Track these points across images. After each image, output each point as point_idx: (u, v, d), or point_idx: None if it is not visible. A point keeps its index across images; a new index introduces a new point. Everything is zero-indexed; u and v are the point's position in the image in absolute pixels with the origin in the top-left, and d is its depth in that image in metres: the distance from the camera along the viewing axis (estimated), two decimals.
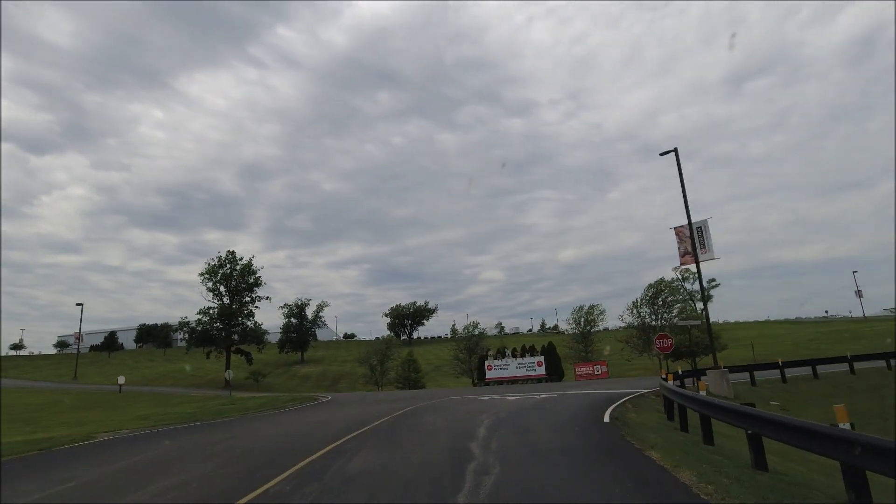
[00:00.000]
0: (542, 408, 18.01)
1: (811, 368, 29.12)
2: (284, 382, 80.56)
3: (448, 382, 67.68)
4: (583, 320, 56.34)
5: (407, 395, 34.13)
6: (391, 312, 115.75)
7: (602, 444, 10.10)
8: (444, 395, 28.53)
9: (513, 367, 45.97)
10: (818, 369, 29.37)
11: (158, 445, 13.40)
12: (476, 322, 64.79)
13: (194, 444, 13.59)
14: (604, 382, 34.36)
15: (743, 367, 27.25)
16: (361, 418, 17.16)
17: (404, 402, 24.41)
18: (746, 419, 7.96)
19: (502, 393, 27.83)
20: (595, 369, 44.47)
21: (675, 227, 25.55)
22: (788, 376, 28.25)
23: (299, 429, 15.42)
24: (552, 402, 20.35)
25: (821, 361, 30.62)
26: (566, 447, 9.64)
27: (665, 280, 49.25)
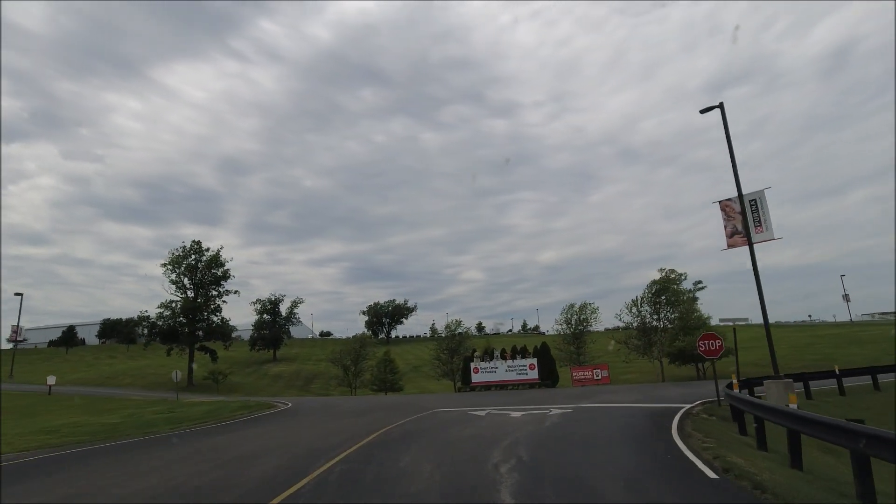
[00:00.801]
0: (571, 435, 12.28)
1: (871, 377, 23.99)
2: (254, 382, 73.94)
3: (428, 385, 61.85)
4: (574, 320, 50.81)
5: (381, 403, 28.11)
6: (369, 310, 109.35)
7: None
8: (426, 407, 22.69)
9: (502, 371, 40.26)
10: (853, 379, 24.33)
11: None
12: (459, 320, 58.89)
13: None
14: (611, 391, 28.79)
15: (795, 376, 21.98)
16: (307, 451, 11.23)
17: (375, 418, 18.50)
18: (855, 437, 6.51)
19: (498, 404, 22.03)
20: (595, 374, 38.98)
21: (720, 200, 20.13)
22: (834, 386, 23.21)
23: (201, 475, 9.35)
24: (577, 423, 14.65)
25: (885, 370, 25.11)
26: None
27: (671, 276, 44.00)
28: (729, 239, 19.58)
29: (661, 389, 26.84)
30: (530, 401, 23.29)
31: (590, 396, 23.95)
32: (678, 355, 40.15)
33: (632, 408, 18.32)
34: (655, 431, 12.61)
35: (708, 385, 28.35)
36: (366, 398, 36.59)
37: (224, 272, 73.48)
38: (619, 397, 22.60)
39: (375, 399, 33.08)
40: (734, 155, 19.36)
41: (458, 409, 20.41)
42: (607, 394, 25.28)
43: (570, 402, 21.50)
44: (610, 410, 17.67)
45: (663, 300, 43.58)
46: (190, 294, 71.17)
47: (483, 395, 30.38)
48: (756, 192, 18.95)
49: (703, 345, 18.39)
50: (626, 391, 26.51)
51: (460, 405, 22.73)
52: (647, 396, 22.41)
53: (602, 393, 26.15)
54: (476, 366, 40.94)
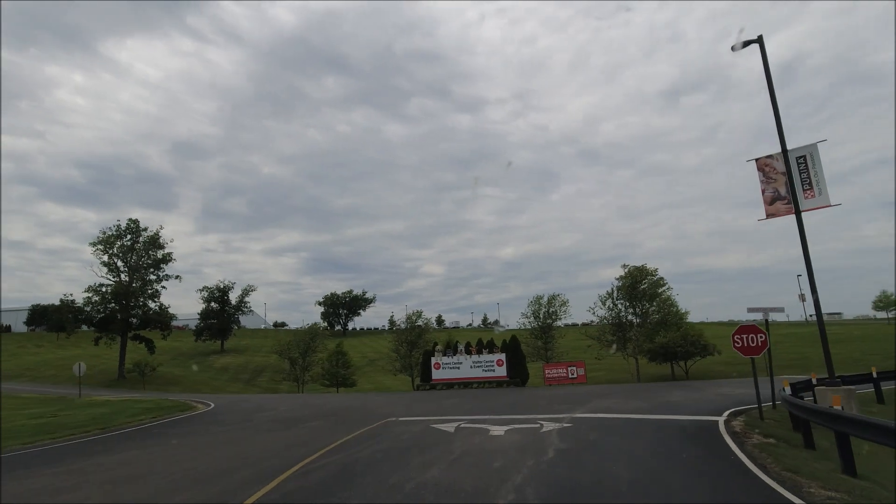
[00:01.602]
0: (602, 481, 7.25)
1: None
2: (195, 375, 66.74)
3: (384, 380, 56.53)
4: (542, 313, 46.25)
5: (325, 406, 22.59)
6: (325, 301, 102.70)
7: None
8: (379, 413, 17.42)
9: (466, 367, 35.31)
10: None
11: None
12: (420, 311, 53.57)
13: None
14: (598, 393, 24.14)
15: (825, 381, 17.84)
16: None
17: (306, 434, 13.12)
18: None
19: (470, 412, 16.92)
20: (569, 372, 34.47)
21: (757, 158, 15.64)
22: (863, 389, 19.27)
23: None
24: (593, 450, 9.66)
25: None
26: None
27: (646, 267, 40.07)
28: (768, 206, 15.07)
29: (657, 392, 22.38)
30: (509, 407, 18.28)
31: (579, 401, 19.16)
32: (659, 352, 36.19)
33: (647, 421, 13.56)
34: (732, 473, 7.77)
35: (707, 387, 24.09)
36: (310, 398, 30.87)
37: (165, 255, 65.73)
38: (617, 404, 17.87)
39: (320, 400, 27.44)
40: (776, 99, 14.85)
41: (419, 420, 15.18)
42: (597, 398, 20.57)
43: (561, 409, 16.62)
44: (622, 426, 12.85)
45: (639, 293, 39.54)
46: (124, 278, 63.22)
47: (448, 396, 25.25)
48: (806, 146, 14.50)
49: (740, 340, 13.78)
50: (618, 394, 21.88)
51: (422, 413, 17.50)
52: (651, 403, 17.77)
53: (590, 396, 21.43)
54: (437, 361, 35.80)
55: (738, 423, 12.83)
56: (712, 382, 28.14)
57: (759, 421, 13.20)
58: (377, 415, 17.21)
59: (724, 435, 11.14)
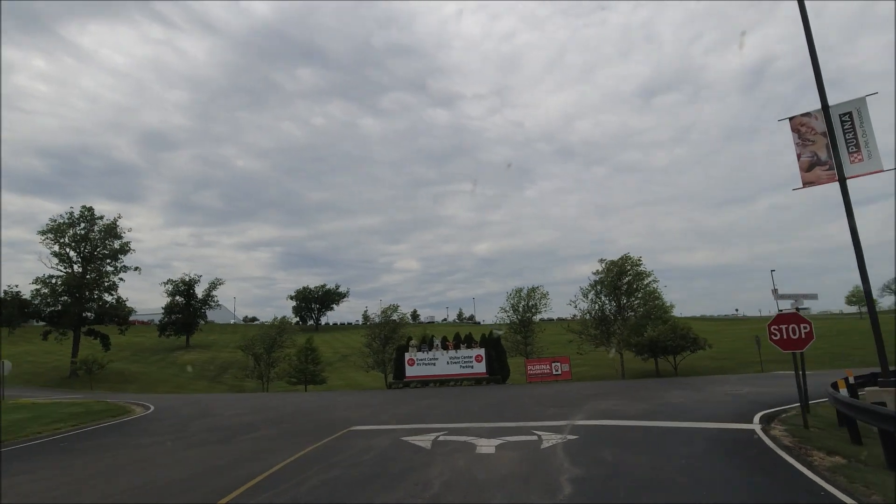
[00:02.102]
0: None
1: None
2: (156, 372, 62.40)
3: (356, 377, 53.34)
4: (522, 306, 43.77)
5: (280, 410, 19.43)
6: (297, 295, 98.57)
7: None
8: (340, 420, 14.45)
9: (443, 363, 32.49)
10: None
11: None
12: (396, 305, 50.45)
13: None
14: (590, 392, 21.56)
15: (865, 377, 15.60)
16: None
17: (247, 451, 10.06)
18: None
19: (450, 419, 14.05)
20: (553, 368, 31.95)
21: (792, 116, 13.12)
22: None
23: None
24: (620, 479, 6.90)
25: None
26: None
27: (630, 257, 37.82)
28: (805, 173, 12.58)
29: (654, 391, 19.88)
30: (494, 410, 15.49)
31: (573, 403, 16.50)
32: (647, 347, 33.96)
33: (665, 431, 10.92)
34: None
35: (706, 385, 21.71)
36: (269, 399, 27.58)
37: (122, 245, 61.11)
38: (618, 406, 15.24)
39: (279, 401, 24.21)
40: (815, 47, 12.35)
41: (388, 430, 12.26)
42: (591, 398, 17.95)
43: (556, 414, 13.90)
44: (640, 439, 10.17)
45: (624, 285, 37.29)
46: (77, 269, 58.42)
47: (423, 396, 22.34)
48: (853, 100, 12.05)
49: (778, 331, 11.25)
50: (613, 394, 19.29)
51: (392, 418, 14.56)
52: (655, 406, 15.20)
53: (583, 396, 18.81)
54: (412, 357, 32.87)
55: (781, 433, 10.30)
56: (708, 380, 25.92)
57: (802, 429, 10.68)
58: (338, 422, 14.23)
59: (778, 451, 8.55)
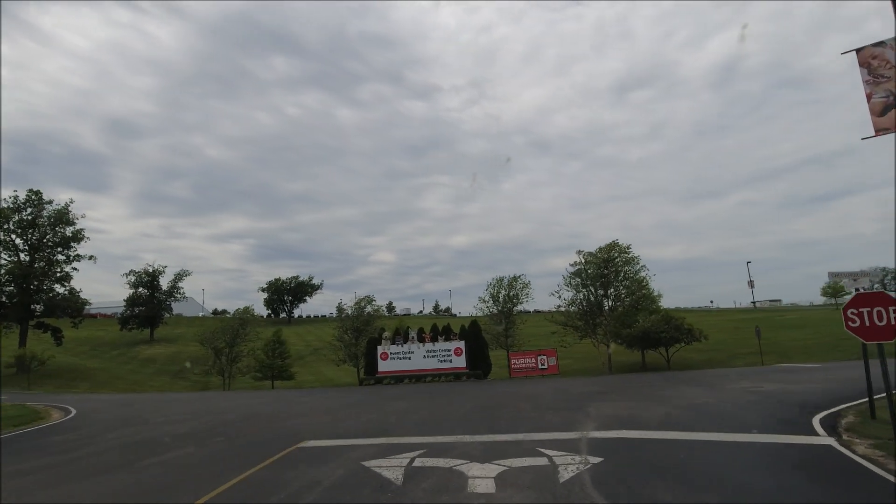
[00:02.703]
0: None
1: None
2: (115, 368, 57.93)
3: (327, 371, 49.98)
4: (503, 296, 40.82)
5: (224, 415, 16.13)
6: (269, 287, 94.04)
7: None
8: (289, 435, 11.28)
9: (418, 357, 29.47)
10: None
11: None
12: (370, 296, 47.04)
13: None
14: (591, 391, 18.78)
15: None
16: None
17: (154, 480, 6.78)
18: None
19: (429, 431, 11.03)
20: (539, 361, 29.22)
21: (859, 48, 10.36)
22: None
23: None
24: None
25: None
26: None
27: (618, 244, 35.28)
28: (878, 118, 9.80)
29: (661, 389, 17.18)
30: (482, 415, 12.48)
31: (574, 405, 13.63)
32: (639, 339, 31.45)
33: (715, 447, 8.09)
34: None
35: (716, 381, 19.11)
36: (218, 400, 24.09)
37: (75, 233, 56.14)
38: (631, 410, 12.43)
39: (228, 403, 20.78)
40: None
41: (347, 449, 9.14)
42: (593, 398, 15.14)
43: (558, 420, 10.99)
44: (688, 461, 7.28)
45: (612, 273, 34.70)
46: (24, 257, 53.41)
47: (396, 396, 19.24)
48: None
49: (857, 316, 8.46)
50: (616, 393, 16.53)
51: (354, 431, 11.42)
52: (676, 408, 12.44)
53: (583, 396, 15.98)
54: (385, 350, 29.71)
55: (868, 448, 7.55)
56: (711, 374, 23.46)
57: (891, 443, 7.94)
58: (287, 435, 11.05)
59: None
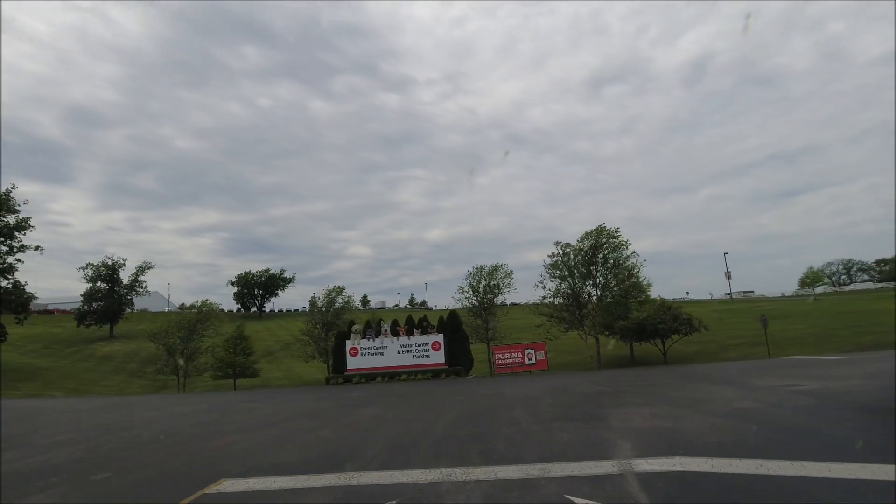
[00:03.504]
0: None
1: None
2: (68, 367, 52.94)
3: (297, 368, 46.34)
4: (483, 286, 37.73)
5: (140, 431, 12.62)
6: (239, 280, 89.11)
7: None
8: (202, 467, 7.87)
9: (392, 352, 26.19)
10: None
11: None
12: (341, 287, 43.41)
13: None
14: (582, 386, 15.78)
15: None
16: None
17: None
18: None
19: (401, 464, 7.76)
20: (527, 356, 26.25)
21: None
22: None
23: None
24: None
25: None
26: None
27: (606, 228, 32.51)
28: None
29: (681, 389, 14.30)
30: (475, 438, 9.21)
31: (589, 413, 10.58)
32: (634, 330, 28.74)
33: (814, 484, 5.04)
34: None
35: (731, 377, 16.41)
36: (154, 405, 20.35)
37: (20, 221, 50.64)
38: (666, 421, 9.44)
39: (158, 410, 17.11)
40: None
41: (280, 495, 5.85)
42: (608, 403, 12.13)
43: (583, 443, 7.88)
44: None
45: (600, 259, 31.96)
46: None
47: (364, 401, 15.92)
48: None
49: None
50: (629, 394, 13.56)
51: (300, 458, 8.10)
52: (724, 419, 9.49)
53: (592, 399, 12.95)
54: (354, 345, 26.29)
55: None
56: (719, 369, 20.80)
57: None
58: (202, 465, 7.71)
59: None
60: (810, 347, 30.87)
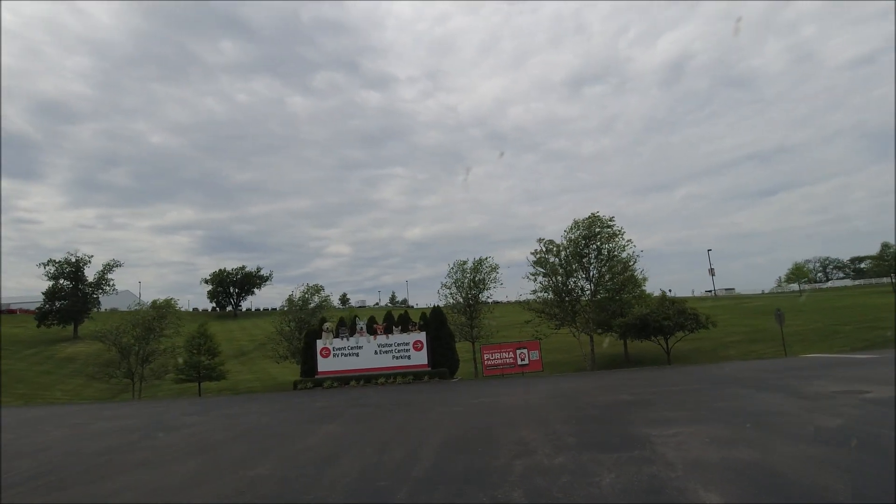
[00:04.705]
0: None
1: None
2: (24, 370, 48.68)
3: (270, 369, 42.99)
4: (468, 281, 34.79)
5: (26, 458, 9.26)
6: (213, 278, 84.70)
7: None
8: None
9: (369, 352, 23.13)
10: None
11: None
12: (318, 285, 40.20)
13: None
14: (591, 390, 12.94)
15: None
16: None
17: None
18: None
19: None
20: (519, 356, 23.39)
21: None
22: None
23: None
24: None
25: None
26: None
27: (599, 217, 29.86)
28: None
29: (722, 396, 11.59)
30: (477, 477, 6.25)
31: (627, 434, 7.71)
32: (636, 326, 26.08)
33: None
34: None
35: (750, 378, 13.75)
36: (74, 416, 16.93)
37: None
38: (728, 442, 6.60)
39: (66, 429, 13.76)
40: None
41: None
42: (640, 418, 9.31)
43: (644, 487, 5.01)
44: None
45: (593, 251, 29.31)
46: None
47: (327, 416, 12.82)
48: None
49: None
50: (660, 402, 10.69)
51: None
52: (808, 438, 6.68)
53: (613, 410, 10.11)
54: (325, 345, 23.11)
55: None
56: (742, 368, 18.17)
57: None
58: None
59: None
60: (818, 345, 28.75)
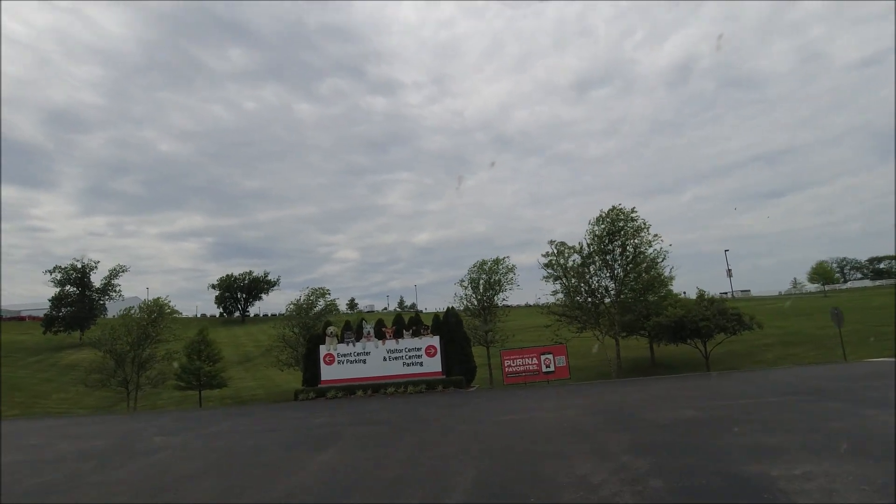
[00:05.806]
0: None
1: None
2: (26, 378, 46.98)
3: (275, 376, 40.82)
4: (484, 282, 32.40)
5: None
6: (220, 284, 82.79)
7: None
8: None
9: (377, 359, 20.87)
10: None
11: None
12: (325, 289, 37.84)
13: None
14: (647, 404, 10.58)
15: None
16: None
17: None
18: None
19: None
20: (544, 362, 20.97)
21: None
22: None
23: None
24: None
25: None
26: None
27: (622, 210, 27.33)
28: None
29: (842, 416, 9.16)
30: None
31: (733, 476, 5.39)
32: (670, 328, 23.51)
33: None
34: None
35: (840, 391, 11.17)
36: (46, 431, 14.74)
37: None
38: None
39: (15, 454, 11.56)
40: None
41: None
42: (734, 445, 6.95)
43: None
44: None
45: (618, 247, 26.82)
46: None
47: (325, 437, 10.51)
48: None
49: None
50: (746, 422, 8.29)
51: None
52: None
53: (695, 435, 7.73)
54: (329, 351, 20.86)
55: None
56: (796, 376, 15.60)
57: None
58: None
59: None
60: (865, 347, 26.10)
